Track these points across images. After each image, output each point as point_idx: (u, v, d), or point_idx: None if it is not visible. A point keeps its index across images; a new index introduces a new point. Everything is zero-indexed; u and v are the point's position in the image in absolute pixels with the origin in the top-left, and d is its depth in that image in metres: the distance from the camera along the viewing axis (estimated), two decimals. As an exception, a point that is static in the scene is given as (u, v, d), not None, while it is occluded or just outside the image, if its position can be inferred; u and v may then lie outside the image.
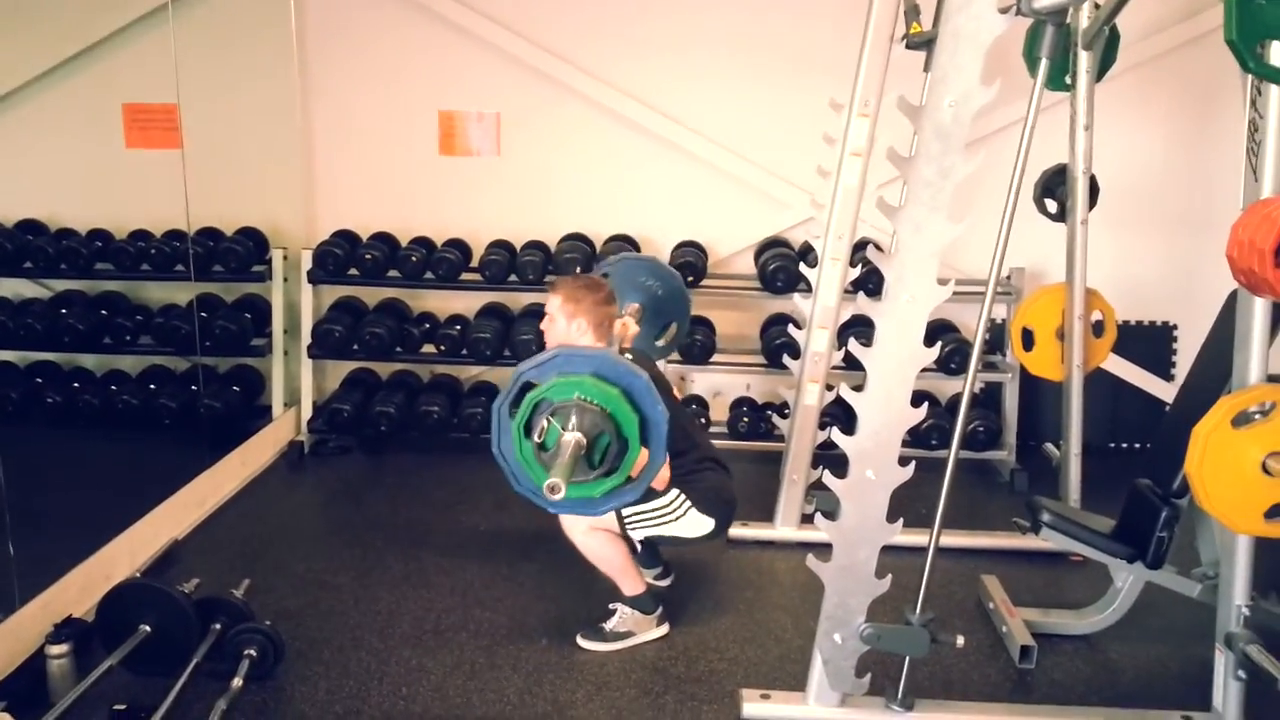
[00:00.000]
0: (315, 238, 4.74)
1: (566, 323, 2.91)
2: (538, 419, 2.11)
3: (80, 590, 3.01)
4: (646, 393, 2.12)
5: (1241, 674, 2.45)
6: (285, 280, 4.68)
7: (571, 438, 2.07)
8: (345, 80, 4.74)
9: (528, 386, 2.15)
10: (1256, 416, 2.27)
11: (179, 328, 4.56)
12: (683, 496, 2.90)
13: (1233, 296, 2.50)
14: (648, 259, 3.71)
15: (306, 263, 4.62)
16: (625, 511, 2.88)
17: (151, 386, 4.65)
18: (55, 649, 2.65)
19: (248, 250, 4.62)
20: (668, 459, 2.78)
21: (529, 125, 4.73)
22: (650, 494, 2.82)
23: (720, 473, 3.03)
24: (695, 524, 2.94)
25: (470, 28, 4.58)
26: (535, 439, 2.10)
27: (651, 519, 2.92)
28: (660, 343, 3.62)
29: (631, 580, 3.01)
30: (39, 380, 4.69)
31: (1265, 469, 2.23)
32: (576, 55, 4.61)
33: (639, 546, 3.10)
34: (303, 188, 4.82)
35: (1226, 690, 2.51)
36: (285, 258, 4.67)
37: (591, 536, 2.94)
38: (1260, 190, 2.27)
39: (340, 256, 4.57)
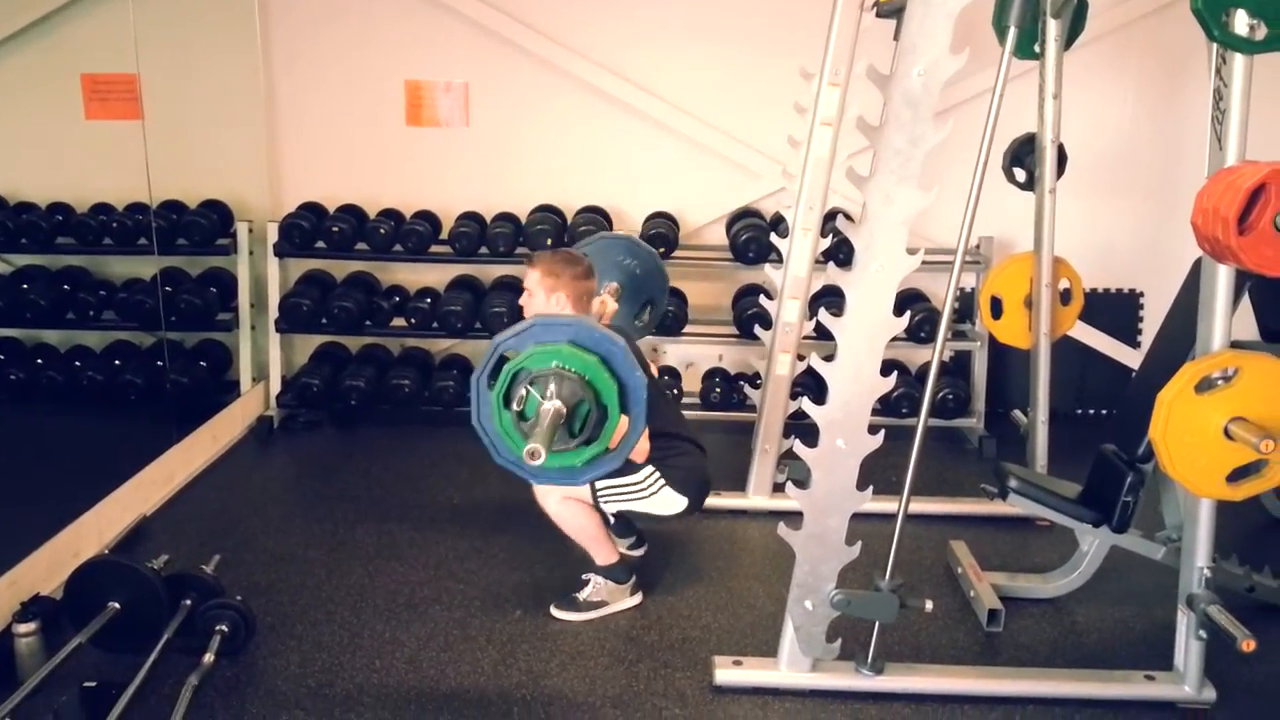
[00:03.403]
0: (281, 210, 4.67)
1: (545, 297, 2.90)
2: (516, 389, 2.09)
3: (48, 568, 2.98)
4: (625, 359, 2.11)
5: (1202, 634, 2.50)
6: (251, 253, 4.61)
7: (551, 406, 2.06)
8: (309, 49, 4.65)
9: (505, 358, 2.14)
10: (1219, 382, 2.30)
11: (143, 302, 4.49)
12: (657, 474, 2.90)
13: (1197, 264, 2.53)
14: (624, 237, 3.68)
15: (272, 235, 4.56)
16: (599, 485, 2.89)
17: (116, 362, 4.59)
18: (23, 627, 2.62)
19: (212, 223, 4.55)
20: (646, 431, 2.79)
21: (498, 95, 4.68)
22: (627, 468, 2.83)
23: (696, 453, 3.02)
24: (668, 502, 2.94)
25: (436, -5, 4.51)
26: (514, 409, 2.09)
27: (625, 494, 2.92)
28: (639, 323, 3.60)
29: (605, 550, 3.03)
30: (1, 357, 4.60)
31: (1227, 434, 2.27)
32: (545, 24, 4.55)
33: (612, 519, 3.10)
34: (267, 159, 4.74)
35: (1188, 650, 2.57)
36: (251, 230, 4.60)
37: (565, 506, 2.95)
38: (1225, 158, 2.29)
39: (307, 229, 4.51)
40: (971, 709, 2.59)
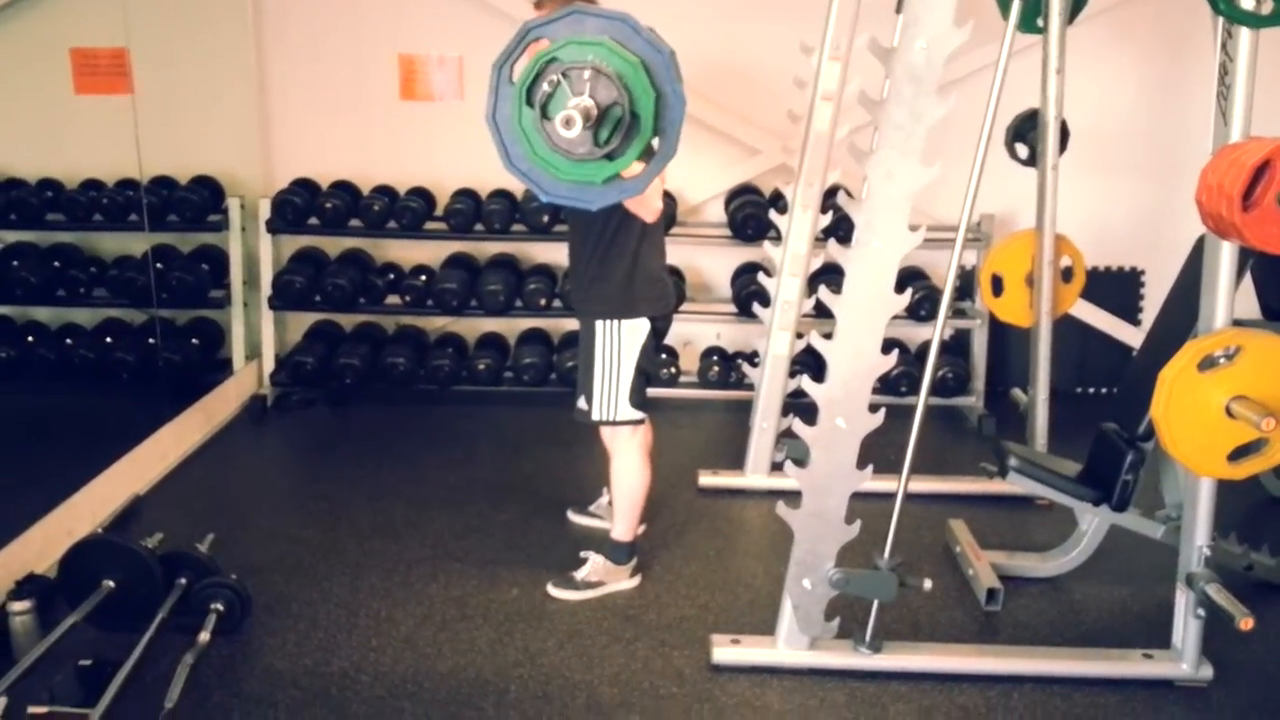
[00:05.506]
0: (273, 186, 4.62)
1: None
2: (541, 83, 1.86)
3: (42, 547, 2.96)
4: (668, 67, 1.87)
5: (1201, 612, 2.50)
6: (243, 230, 4.57)
7: (583, 102, 1.83)
8: (301, 23, 4.58)
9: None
10: (1221, 360, 2.29)
11: (134, 279, 4.45)
12: (605, 321, 2.83)
13: (1200, 241, 2.51)
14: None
15: (265, 212, 4.51)
16: (595, 398, 2.86)
17: (108, 340, 4.55)
18: (17, 606, 2.61)
19: (203, 199, 4.50)
20: (662, 191, 2.66)
21: (492, 69, 4.61)
22: (590, 331, 2.85)
23: (626, 264, 2.80)
24: (633, 334, 2.83)
25: (429, -33, 4.45)
26: (538, 104, 1.86)
27: (610, 369, 2.84)
28: None
29: (630, 525, 3.01)
30: (-8, 335, 4.57)
31: (1229, 412, 2.25)
32: (541, -4, 4.48)
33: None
34: (259, 134, 4.68)
35: (1186, 628, 2.57)
36: (243, 207, 4.55)
37: (631, 453, 2.93)
38: (1229, 134, 2.27)
39: (299, 205, 4.46)
40: (970, 687, 2.59)
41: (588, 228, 2.83)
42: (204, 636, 2.59)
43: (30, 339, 4.57)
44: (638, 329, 2.84)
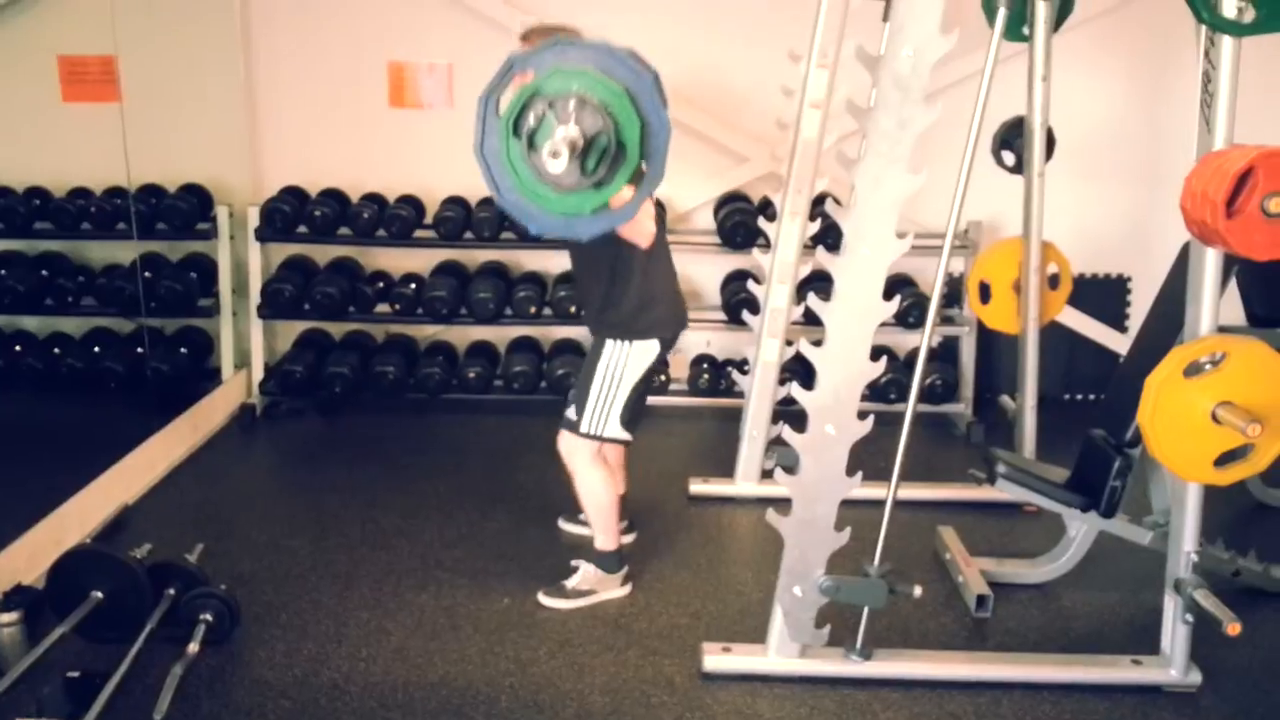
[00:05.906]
0: (262, 194, 4.61)
1: None
2: (528, 114, 1.88)
3: (29, 557, 2.94)
4: (652, 95, 1.90)
5: (1189, 618, 2.51)
6: (232, 238, 4.55)
7: (569, 132, 1.84)
8: (290, 30, 4.58)
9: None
10: (1207, 366, 2.30)
11: (123, 288, 4.43)
12: (616, 341, 2.86)
13: (1185, 248, 2.53)
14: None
15: (253, 220, 4.50)
16: (587, 411, 2.87)
17: (96, 349, 4.53)
18: (5, 617, 2.59)
19: (191, 207, 4.49)
20: (655, 214, 2.68)
21: (482, 76, 4.56)
22: (596, 353, 2.87)
23: (656, 298, 2.87)
24: (642, 354, 2.87)
25: (419, -25, 4.45)
26: (525, 135, 1.88)
27: (609, 385, 2.86)
28: None
29: (609, 534, 3.01)
30: (-22, 344, 4.54)
31: (1215, 418, 2.27)
32: (528, 2, 4.49)
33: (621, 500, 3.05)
34: (248, 142, 4.67)
35: (1174, 634, 2.58)
36: (231, 215, 4.54)
37: (593, 471, 2.93)
38: (1213, 142, 2.29)
39: (289, 213, 4.46)
40: (959, 694, 2.59)
41: (588, 257, 2.86)
42: (193, 647, 2.58)
43: (18, 348, 4.54)
44: (647, 350, 2.88)
